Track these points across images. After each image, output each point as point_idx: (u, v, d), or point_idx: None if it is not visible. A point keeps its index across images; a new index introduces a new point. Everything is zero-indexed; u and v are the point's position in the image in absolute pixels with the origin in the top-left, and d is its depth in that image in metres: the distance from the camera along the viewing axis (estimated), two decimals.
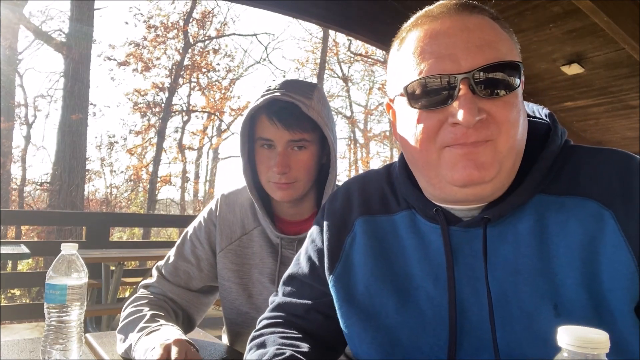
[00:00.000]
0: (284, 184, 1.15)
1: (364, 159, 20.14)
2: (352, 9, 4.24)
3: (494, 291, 0.68)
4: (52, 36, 11.93)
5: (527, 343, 0.65)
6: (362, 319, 0.78)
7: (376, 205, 0.84)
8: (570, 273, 0.64)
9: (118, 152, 15.52)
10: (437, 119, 0.67)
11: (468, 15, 0.68)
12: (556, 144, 0.71)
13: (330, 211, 0.89)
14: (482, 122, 0.65)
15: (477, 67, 0.64)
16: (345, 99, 20.23)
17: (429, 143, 0.68)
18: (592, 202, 0.65)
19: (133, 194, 15.89)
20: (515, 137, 0.66)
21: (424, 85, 0.67)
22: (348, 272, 0.82)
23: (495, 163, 0.65)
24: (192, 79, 16.18)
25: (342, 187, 0.92)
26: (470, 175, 0.65)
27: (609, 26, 3.40)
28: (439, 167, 0.68)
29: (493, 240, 0.70)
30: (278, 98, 1.12)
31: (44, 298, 0.87)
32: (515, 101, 0.67)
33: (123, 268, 4.25)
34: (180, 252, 1.29)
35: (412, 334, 0.73)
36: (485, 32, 0.67)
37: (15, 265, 9.44)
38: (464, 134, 0.65)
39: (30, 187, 13.26)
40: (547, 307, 0.64)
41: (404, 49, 0.71)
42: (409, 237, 0.78)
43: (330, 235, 0.86)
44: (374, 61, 18.82)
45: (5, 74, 11.33)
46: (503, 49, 0.67)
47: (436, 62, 0.66)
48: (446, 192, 0.71)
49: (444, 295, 0.71)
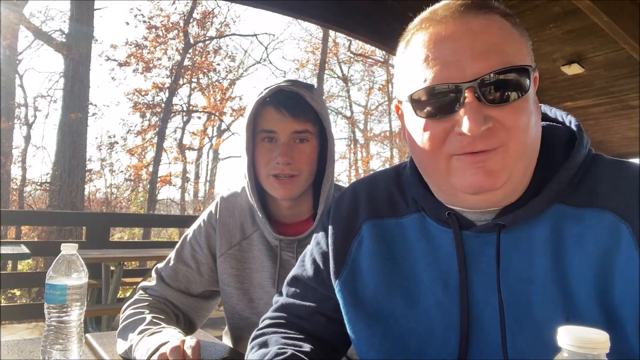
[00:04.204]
0: (286, 178, 1.15)
1: (364, 159, 20.14)
2: (352, 9, 4.24)
3: (505, 298, 0.67)
4: (52, 36, 11.93)
5: (537, 352, 0.64)
6: (370, 324, 0.77)
7: (384, 208, 0.82)
8: (584, 285, 0.63)
9: (118, 152, 15.51)
10: (443, 127, 0.66)
11: (474, 16, 0.65)
12: (581, 154, 0.69)
13: (336, 214, 0.87)
14: (490, 130, 0.63)
15: (482, 75, 0.62)
16: (345, 99, 20.26)
17: (437, 151, 0.67)
18: (609, 214, 0.64)
19: (133, 194, 15.88)
20: (526, 141, 0.65)
21: (429, 94, 0.65)
22: (355, 277, 0.80)
23: (505, 169, 0.64)
24: (193, 79, 16.18)
25: (348, 189, 0.90)
26: (480, 182, 0.64)
27: (609, 26, 3.40)
28: (448, 175, 0.67)
29: (506, 247, 0.68)
30: (284, 88, 1.14)
31: (44, 298, 0.87)
32: (525, 105, 0.64)
33: (123, 268, 4.24)
34: (180, 255, 1.28)
35: (421, 340, 0.72)
36: (492, 34, 0.64)
37: (15, 265, 9.45)
38: (470, 143, 0.63)
39: (30, 187, 13.26)
40: (559, 318, 0.63)
41: (409, 52, 0.70)
42: (418, 241, 0.76)
43: (336, 239, 0.84)
44: (374, 61, 18.83)
45: (5, 74, 11.33)
46: (511, 51, 0.64)
47: (441, 70, 0.64)
48: (457, 199, 0.70)
49: (454, 301, 0.70)
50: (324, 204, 1.20)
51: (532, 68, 0.66)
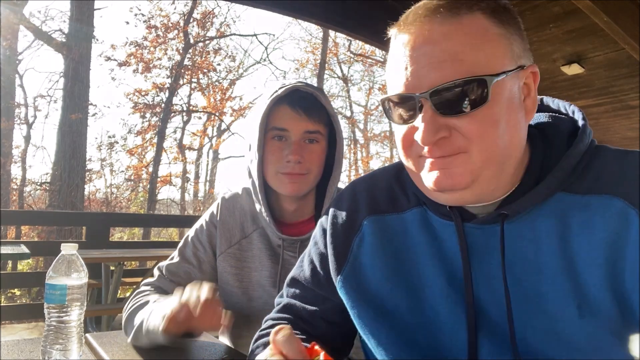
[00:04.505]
0: (296, 174, 1.16)
1: (364, 159, 20.14)
2: (352, 9, 4.24)
3: (512, 290, 0.66)
4: (52, 36, 11.93)
5: (549, 344, 0.64)
6: (376, 319, 0.77)
7: (385, 203, 0.82)
8: (594, 272, 0.62)
9: (118, 152, 15.52)
10: (408, 132, 0.68)
11: (439, 22, 0.64)
12: (584, 143, 0.69)
13: (335, 212, 0.87)
14: (446, 139, 0.64)
15: (435, 86, 0.62)
16: (345, 99, 20.25)
17: (407, 152, 0.70)
18: (618, 200, 0.63)
19: (133, 194, 15.88)
20: (493, 149, 0.63)
21: (393, 102, 0.68)
22: (357, 274, 0.80)
23: (467, 173, 0.64)
24: (193, 79, 16.18)
25: (347, 188, 0.90)
26: (441, 182, 0.65)
27: (609, 26, 3.40)
28: (418, 174, 0.70)
29: (510, 238, 0.68)
30: (300, 88, 1.16)
31: (44, 298, 0.87)
32: (489, 113, 0.63)
33: (123, 268, 4.25)
34: (182, 253, 1.29)
35: (429, 334, 0.72)
36: (454, 41, 0.63)
37: (15, 265, 9.45)
38: (429, 150, 0.66)
39: (30, 187, 13.26)
40: (571, 307, 0.63)
41: (390, 54, 0.72)
42: (420, 235, 0.76)
43: (336, 237, 0.84)
44: (374, 61, 18.83)
45: (5, 74, 11.33)
46: (475, 58, 0.62)
47: (403, 79, 0.66)
48: (431, 196, 0.71)
49: (459, 293, 0.70)
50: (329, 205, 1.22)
51: (496, 75, 0.62)
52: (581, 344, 0.62)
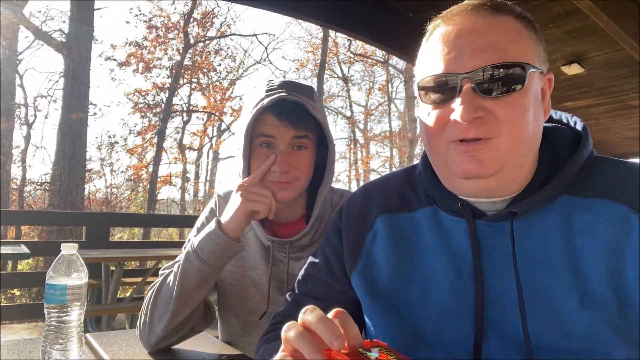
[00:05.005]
0: (284, 182, 1.15)
1: (364, 159, 20.14)
2: (352, 9, 4.24)
3: (523, 283, 0.69)
4: (52, 36, 11.93)
5: (552, 334, 0.67)
6: (386, 312, 0.80)
7: (396, 203, 0.86)
8: (596, 269, 0.67)
9: (118, 152, 15.51)
10: (443, 114, 0.71)
11: (482, 16, 0.71)
12: (587, 151, 0.74)
13: (348, 212, 0.91)
14: (481, 120, 0.68)
15: (478, 68, 0.68)
16: (345, 99, 20.27)
17: (438, 137, 0.73)
18: (621, 205, 0.68)
19: (133, 194, 15.87)
20: (520, 137, 0.69)
21: (432, 82, 0.72)
22: (370, 268, 0.84)
23: (496, 160, 0.68)
24: (193, 79, 16.18)
25: (360, 190, 0.95)
26: (469, 169, 0.69)
27: (609, 26, 3.40)
28: (446, 159, 0.73)
29: (519, 234, 0.72)
30: (285, 98, 1.13)
31: (44, 298, 0.87)
32: (521, 101, 0.68)
33: (123, 268, 4.25)
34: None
35: (436, 326, 0.74)
36: (496, 33, 0.69)
37: (15, 265, 9.45)
38: (464, 129, 0.68)
39: (30, 187, 13.26)
40: (573, 299, 0.66)
41: (426, 45, 0.76)
42: (430, 232, 0.79)
43: (350, 234, 0.88)
44: (374, 61, 18.83)
45: (5, 74, 11.33)
46: (513, 50, 0.69)
47: (445, 62, 0.71)
48: (455, 184, 0.75)
49: (467, 287, 0.73)
50: (320, 208, 1.22)
51: (532, 67, 0.69)
52: (580, 333, 0.65)
